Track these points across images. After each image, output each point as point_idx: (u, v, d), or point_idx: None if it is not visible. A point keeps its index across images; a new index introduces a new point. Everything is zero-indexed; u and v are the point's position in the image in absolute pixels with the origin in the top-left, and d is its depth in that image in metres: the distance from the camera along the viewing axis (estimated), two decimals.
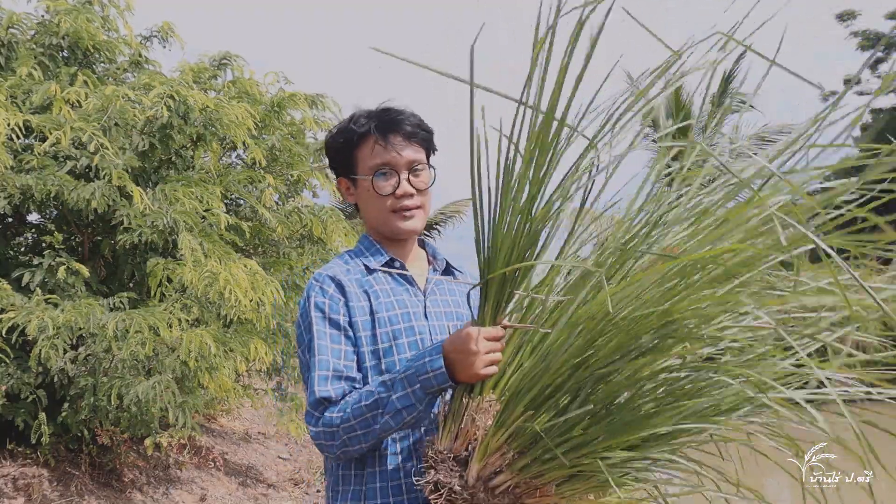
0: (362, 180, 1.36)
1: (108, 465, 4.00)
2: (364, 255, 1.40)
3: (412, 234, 1.39)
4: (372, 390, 1.21)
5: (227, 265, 3.59)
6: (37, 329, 3.09)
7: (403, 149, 1.34)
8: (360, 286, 1.34)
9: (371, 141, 1.34)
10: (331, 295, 1.32)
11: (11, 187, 3.35)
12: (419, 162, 1.36)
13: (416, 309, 1.36)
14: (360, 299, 1.33)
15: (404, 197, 1.35)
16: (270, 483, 4.92)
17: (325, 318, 1.30)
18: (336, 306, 1.31)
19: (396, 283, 1.37)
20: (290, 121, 5.13)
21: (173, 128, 3.79)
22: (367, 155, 1.35)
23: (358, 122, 1.36)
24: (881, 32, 22.43)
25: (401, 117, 1.35)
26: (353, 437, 1.21)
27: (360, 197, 1.39)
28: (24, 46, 4.12)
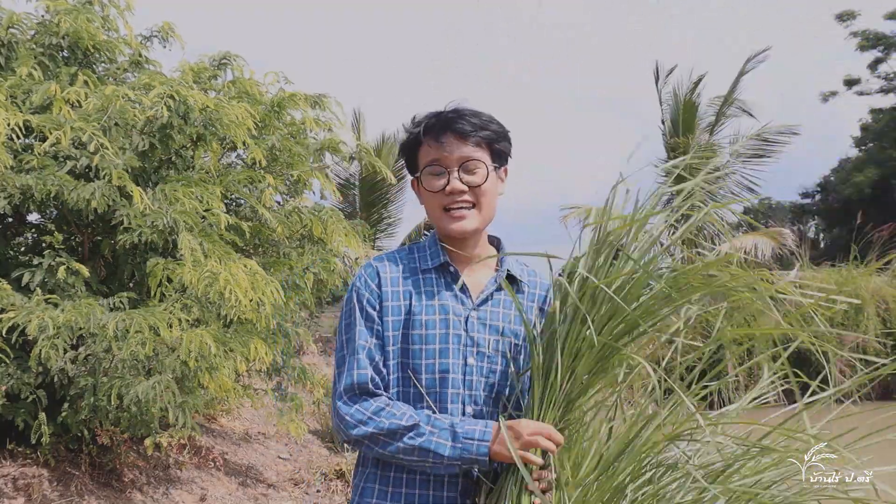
0: (421, 178, 1.38)
1: (108, 465, 4.00)
2: (423, 253, 1.41)
3: (462, 234, 1.37)
4: (416, 416, 1.25)
5: (227, 265, 3.59)
6: (37, 329, 3.09)
7: (455, 147, 1.34)
8: (404, 284, 1.36)
9: (427, 139, 1.36)
10: (371, 289, 1.35)
11: (11, 187, 3.35)
12: (472, 159, 1.34)
13: (459, 317, 1.34)
14: (401, 298, 1.34)
15: (454, 194, 1.34)
16: (270, 483, 4.92)
17: (363, 309, 1.34)
18: (374, 300, 1.35)
19: (446, 287, 1.36)
20: (290, 121, 5.13)
21: (173, 128, 3.79)
22: (424, 153, 1.37)
23: (417, 123, 1.39)
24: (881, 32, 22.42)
25: (454, 116, 1.35)
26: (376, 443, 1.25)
27: (423, 196, 1.40)
28: (24, 46, 4.11)
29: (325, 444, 6.32)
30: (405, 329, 1.33)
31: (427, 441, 1.22)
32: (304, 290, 4.72)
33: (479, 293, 1.38)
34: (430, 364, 1.30)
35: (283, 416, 4.80)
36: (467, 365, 1.32)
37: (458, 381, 1.31)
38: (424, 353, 1.31)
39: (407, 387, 1.31)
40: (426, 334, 1.31)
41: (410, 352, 1.32)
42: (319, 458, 5.77)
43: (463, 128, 1.34)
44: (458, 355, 1.31)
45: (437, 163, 1.35)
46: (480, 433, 1.22)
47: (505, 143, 1.40)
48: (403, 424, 1.24)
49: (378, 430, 1.24)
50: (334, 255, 5.09)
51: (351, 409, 1.27)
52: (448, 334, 1.32)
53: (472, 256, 1.41)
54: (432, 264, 1.38)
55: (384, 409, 1.26)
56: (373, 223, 13.25)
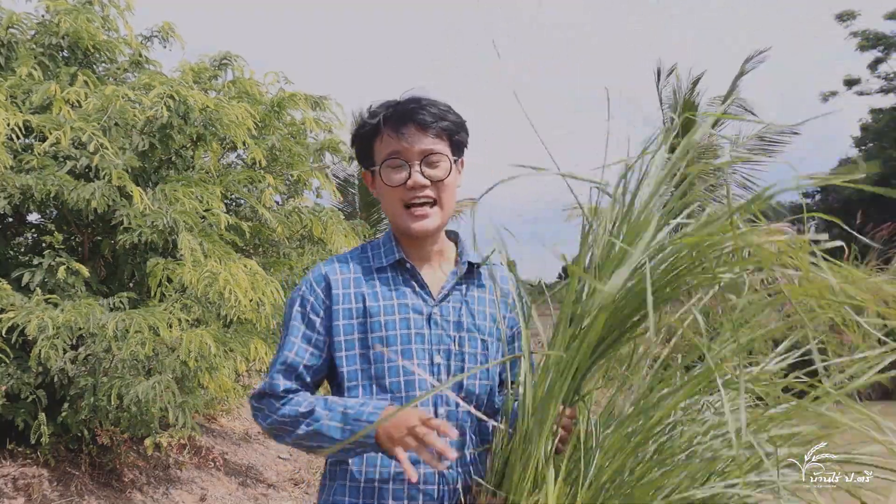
0: (378, 172, 1.29)
1: (108, 465, 4.00)
2: (377, 251, 1.34)
3: (424, 234, 1.29)
4: (315, 402, 1.22)
5: (227, 265, 3.59)
6: (37, 329, 3.09)
7: (416, 139, 1.26)
8: (357, 286, 1.29)
9: (385, 131, 1.28)
10: (316, 293, 1.29)
11: (11, 187, 3.35)
12: (434, 152, 1.26)
13: (420, 315, 1.27)
14: (352, 301, 1.27)
15: (416, 188, 1.26)
16: (270, 483, 4.92)
17: (304, 314, 1.29)
18: (318, 307, 1.28)
19: (404, 285, 1.30)
20: (290, 121, 5.13)
21: (173, 128, 3.79)
22: (382, 145, 1.29)
23: (374, 113, 1.30)
24: (881, 32, 22.42)
25: (416, 106, 1.27)
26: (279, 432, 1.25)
27: (378, 190, 1.32)
28: (24, 46, 4.11)
29: None
30: (363, 333, 1.26)
31: (320, 425, 1.19)
32: None
33: (440, 289, 1.31)
34: (394, 367, 1.24)
35: None
36: (434, 365, 1.26)
37: (426, 382, 1.24)
38: (387, 355, 1.24)
39: (368, 393, 1.25)
40: (387, 336, 1.25)
41: (372, 356, 1.25)
42: (319, 458, 5.77)
43: (424, 118, 1.26)
44: (423, 355, 1.25)
45: (398, 155, 1.26)
46: (369, 414, 1.17)
47: (463, 133, 1.33)
48: (301, 411, 1.21)
49: (281, 417, 1.22)
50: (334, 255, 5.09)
51: (258, 404, 1.27)
52: (410, 334, 1.25)
53: (431, 253, 1.34)
54: (387, 262, 1.31)
55: (289, 401, 1.24)
56: (372, 223, 13.26)
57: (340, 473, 1.28)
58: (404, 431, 1.10)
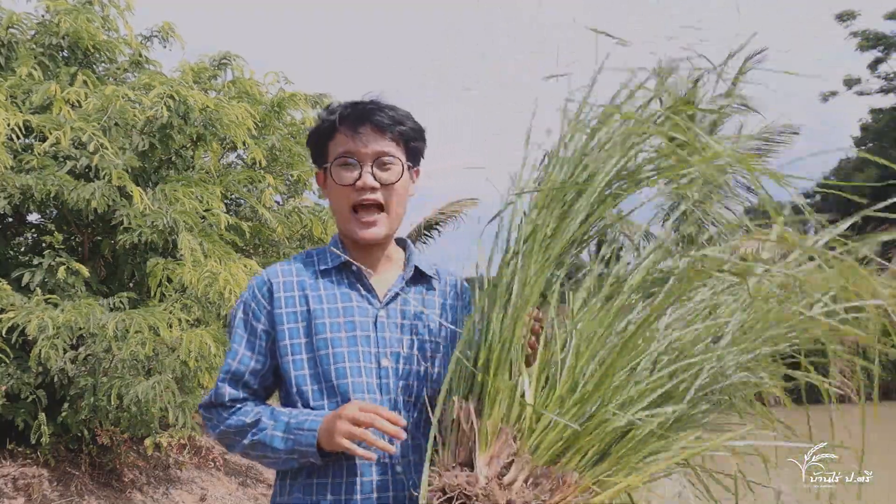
0: (329, 170, 1.26)
1: (108, 465, 4.00)
2: (322, 255, 1.32)
3: (374, 241, 1.27)
4: (262, 412, 1.21)
5: (227, 265, 3.59)
6: (37, 329, 3.09)
7: (371, 139, 1.23)
8: (300, 289, 1.26)
9: (341, 130, 1.25)
10: (258, 299, 1.27)
11: (11, 187, 3.35)
12: (388, 154, 1.24)
13: (365, 318, 1.24)
14: (296, 304, 1.25)
15: (364, 189, 1.23)
16: (270, 483, 4.91)
17: (246, 320, 1.27)
18: (259, 313, 1.26)
19: (349, 288, 1.27)
20: (290, 121, 5.13)
21: (173, 128, 3.79)
22: (335, 144, 1.26)
23: (332, 111, 1.28)
24: (881, 32, 22.42)
25: (373, 108, 1.25)
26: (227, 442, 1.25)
27: (328, 189, 1.29)
28: (24, 46, 4.12)
29: None
30: (308, 336, 1.24)
31: (264, 435, 1.18)
32: None
33: (386, 292, 1.28)
34: (341, 368, 1.21)
35: None
36: (381, 367, 1.23)
37: (374, 385, 1.21)
38: (333, 357, 1.21)
39: (320, 397, 1.22)
40: (332, 338, 1.22)
41: (318, 359, 1.22)
42: None
43: (381, 120, 1.24)
44: (369, 358, 1.22)
45: (350, 154, 1.24)
46: (311, 422, 1.15)
47: (421, 142, 1.31)
48: (247, 421, 1.21)
49: (227, 428, 1.23)
50: None
51: (207, 414, 1.29)
52: (356, 336, 1.23)
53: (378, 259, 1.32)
54: (332, 264, 1.29)
55: (237, 411, 1.24)
56: None
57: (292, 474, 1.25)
58: (346, 420, 1.09)
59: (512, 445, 0.99)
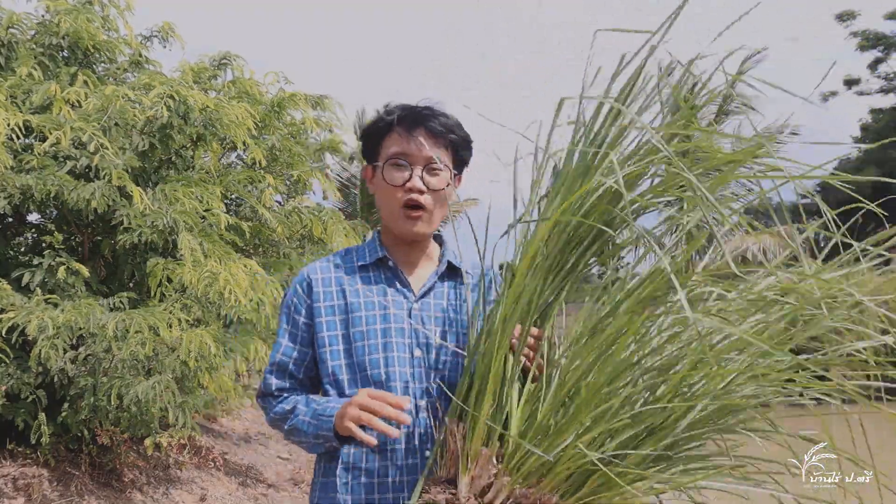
0: (380, 168, 1.33)
1: (108, 465, 4.00)
2: (361, 251, 1.40)
3: (416, 238, 1.35)
4: (300, 399, 1.31)
5: (227, 265, 3.59)
6: (37, 329, 3.09)
7: (424, 145, 1.30)
8: (338, 284, 1.34)
9: (396, 130, 1.32)
10: (299, 295, 1.36)
11: (11, 187, 3.35)
12: (438, 160, 1.31)
13: (401, 310, 1.31)
14: (334, 298, 1.34)
15: (413, 191, 1.29)
16: (270, 483, 4.92)
17: (288, 316, 1.37)
18: (300, 307, 1.36)
19: (385, 283, 1.34)
20: (290, 121, 5.13)
21: (173, 128, 3.79)
22: (389, 143, 1.33)
23: (390, 111, 1.34)
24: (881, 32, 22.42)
25: (429, 114, 1.32)
26: (276, 428, 1.36)
27: (376, 187, 1.36)
28: (24, 46, 4.12)
29: None
30: (345, 328, 1.31)
31: (298, 421, 1.27)
32: None
33: (421, 287, 1.35)
34: (375, 359, 1.27)
35: None
36: (414, 357, 1.29)
37: (406, 373, 1.27)
38: (368, 348, 1.28)
39: (355, 386, 1.28)
40: (367, 330, 1.29)
41: (354, 349, 1.29)
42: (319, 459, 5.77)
43: (435, 127, 1.30)
44: (403, 348, 1.28)
45: (403, 156, 1.30)
46: (331, 409, 1.22)
47: (467, 151, 1.38)
48: (286, 409, 1.31)
49: (274, 415, 1.33)
50: None
51: (262, 403, 1.39)
52: (390, 328, 1.29)
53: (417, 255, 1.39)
54: (370, 259, 1.36)
55: (285, 399, 1.34)
56: (373, 223, 13.25)
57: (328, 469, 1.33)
58: (354, 408, 1.16)
59: (493, 467, 1.05)
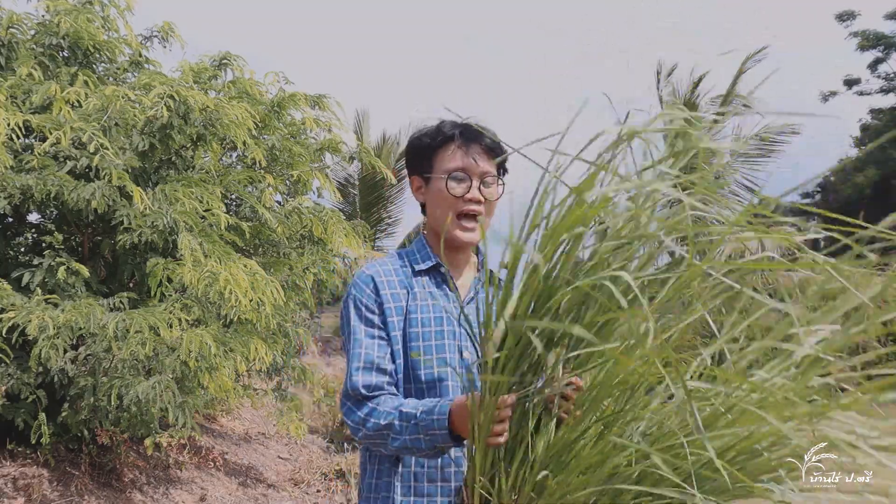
0: (437, 180, 1.44)
1: (108, 465, 4.00)
2: (414, 256, 1.50)
3: (468, 244, 1.46)
4: (392, 413, 1.29)
5: (227, 265, 3.59)
6: (37, 329, 3.09)
7: (480, 159, 1.43)
8: (401, 286, 1.44)
9: (453, 146, 1.44)
10: (368, 294, 1.42)
11: (11, 187, 3.35)
12: (492, 174, 1.45)
13: (451, 315, 1.43)
14: (399, 300, 1.42)
15: (472, 202, 1.42)
16: (270, 483, 4.92)
17: (361, 315, 1.41)
18: (372, 305, 1.42)
19: (437, 288, 1.46)
20: (290, 121, 5.13)
21: (173, 128, 3.79)
22: (446, 158, 1.45)
23: (445, 127, 1.47)
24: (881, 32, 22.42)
25: (482, 131, 1.45)
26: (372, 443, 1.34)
27: (430, 196, 1.47)
28: (24, 46, 4.12)
29: (325, 444, 6.33)
30: (403, 329, 1.40)
31: (404, 440, 1.27)
32: (304, 290, 4.72)
33: (466, 293, 1.49)
34: (429, 360, 1.38)
35: (283, 416, 4.81)
36: (463, 358, 1.40)
37: (454, 373, 1.39)
38: (422, 349, 1.38)
39: (409, 383, 1.39)
40: (423, 332, 1.40)
41: (409, 349, 1.39)
42: (319, 458, 5.77)
43: (489, 144, 1.45)
44: (453, 350, 1.40)
45: (463, 170, 1.43)
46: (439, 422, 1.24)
47: (505, 164, 1.52)
48: (382, 425, 1.30)
49: (369, 433, 1.31)
50: (334, 255, 5.09)
51: (349, 414, 1.35)
52: (443, 331, 1.40)
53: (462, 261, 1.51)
54: (424, 266, 1.47)
55: (373, 412, 1.32)
56: (372, 223, 13.25)
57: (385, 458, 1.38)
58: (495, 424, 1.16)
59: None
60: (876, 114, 23.64)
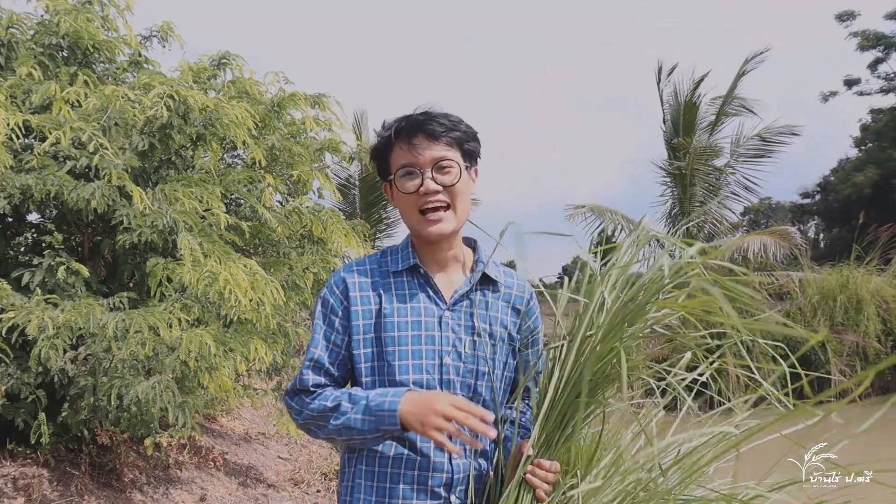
0: (395, 182, 1.38)
1: (108, 465, 4.00)
2: (395, 256, 1.42)
3: (439, 237, 1.37)
4: (340, 396, 1.31)
5: (227, 265, 3.59)
6: (37, 329, 3.09)
7: (426, 148, 1.34)
8: (373, 288, 1.37)
9: (397, 144, 1.37)
10: (336, 295, 1.38)
11: (11, 187, 3.35)
12: (445, 159, 1.34)
13: (431, 318, 1.35)
14: (369, 302, 1.37)
15: (429, 194, 1.34)
16: (270, 483, 4.91)
17: (325, 314, 1.39)
18: (337, 308, 1.38)
19: (418, 289, 1.38)
20: (290, 121, 5.12)
21: (173, 128, 3.79)
22: (396, 157, 1.38)
23: (387, 127, 1.40)
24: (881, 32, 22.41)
25: (425, 118, 1.36)
26: (311, 427, 1.34)
27: (396, 200, 1.41)
28: (24, 46, 4.11)
29: (324, 444, 6.32)
30: (377, 332, 1.35)
31: (347, 419, 1.28)
32: (304, 289, 4.72)
33: (452, 294, 1.39)
34: (404, 365, 1.32)
35: (283, 416, 4.80)
36: (444, 365, 1.33)
37: (435, 381, 1.32)
38: (398, 354, 1.32)
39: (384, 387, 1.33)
40: (398, 336, 1.33)
41: (385, 353, 1.33)
42: (319, 458, 5.77)
43: (434, 129, 1.34)
44: (432, 356, 1.33)
45: (410, 165, 1.35)
46: (390, 403, 1.24)
47: (474, 142, 1.41)
48: (328, 406, 1.30)
49: (311, 414, 1.33)
50: (334, 255, 5.09)
51: (291, 402, 1.38)
52: (421, 336, 1.33)
53: (446, 258, 1.42)
54: (402, 266, 1.39)
55: (318, 395, 1.34)
56: (372, 223, 13.25)
57: (359, 459, 1.36)
58: (439, 415, 1.19)
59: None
60: (876, 114, 23.63)
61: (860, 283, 10.05)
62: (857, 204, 18.55)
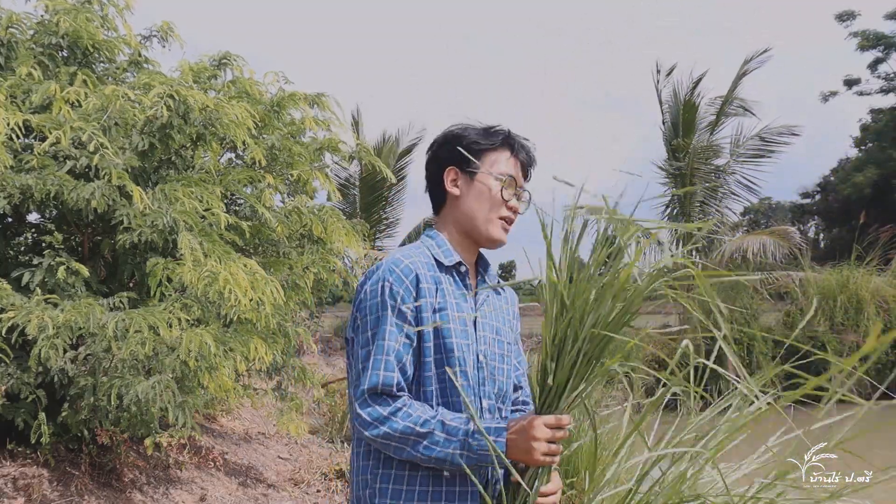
0: (485, 178, 1.45)
1: (108, 465, 4.00)
2: (443, 249, 1.45)
3: (500, 246, 1.50)
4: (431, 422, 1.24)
5: (227, 265, 3.59)
6: (37, 329, 3.09)
7: (527, 179, 1.53)
8: (435, 282, 1.38)
9: (508, 153, 1.47)
10: (406, 286, 1.33)
11: (11, 187, 3.35)
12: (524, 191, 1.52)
13: (469, 316, 1.42)
14: (435, 294, 1.37)
15: (513, 210, 1.48)
16: (270, 483, 4.92)
17: (395, 306, 1.31)
18: (408, 298, 1.32)
19: (457, 287, 1.43)
20: (289, 120, 5.12)
21: (173, 127, 3.79)
22: (499, 161, 1.47)
23: (503, 132, 1.49)
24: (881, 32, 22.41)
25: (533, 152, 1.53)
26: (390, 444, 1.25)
27: (471, 191, 1.46)
28: (24, 46, 4.11)
29: (325, 444, 6.32)
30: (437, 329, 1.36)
31: (444, 453, 1.23)
32: (304, 289, 4.72)
33: (475, 294, 1.48)
34: (453, 358, 1.34)
35: (283, 416, 4.80)
36: (478, 361, 1.39)
37: (473, 375, 1.37)
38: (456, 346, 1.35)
39: (442, 382, 1.34)
40: (454, 329, 1.37)
41: (443, 345, 1.34)
42: (319, 458, 5.77)
43: (533, 162, 1.53)
44: (470, 351, 1.38)
45: (517, 182, 1.49)
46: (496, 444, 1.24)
47: None
48: (418, 430, 1.23)
49: (392, 430, 1.24)
50: (334, 254, 5.09)
51: (369, 408, 1.26)
52: (467, 331, 1.39)
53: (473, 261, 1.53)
54: (450, 262, 1.43)
55: (401, 409, 1.26)
56: (372, 223, 13.24)
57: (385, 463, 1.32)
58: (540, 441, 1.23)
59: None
60: (876, 114, 23.63)
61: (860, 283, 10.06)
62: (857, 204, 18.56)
